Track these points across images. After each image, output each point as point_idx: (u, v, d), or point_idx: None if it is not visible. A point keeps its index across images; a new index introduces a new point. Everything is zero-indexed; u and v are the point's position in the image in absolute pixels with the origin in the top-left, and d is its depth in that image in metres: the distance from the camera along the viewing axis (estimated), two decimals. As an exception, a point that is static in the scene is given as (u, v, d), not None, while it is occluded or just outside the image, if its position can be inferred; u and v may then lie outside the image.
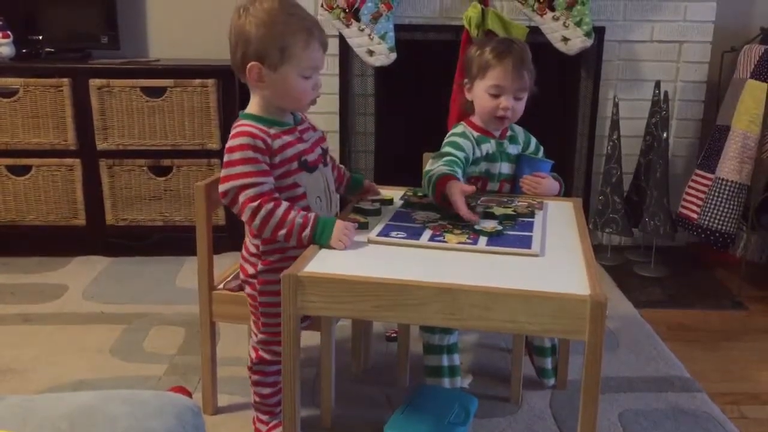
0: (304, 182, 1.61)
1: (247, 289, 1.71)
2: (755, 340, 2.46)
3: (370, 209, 1.70)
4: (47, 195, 3.01)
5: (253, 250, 1.67)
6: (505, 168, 1.97)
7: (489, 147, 1.94)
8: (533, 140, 2.04)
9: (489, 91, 1.88)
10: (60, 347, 2.28)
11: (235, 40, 1.55)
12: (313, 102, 1.64)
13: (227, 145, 1.57)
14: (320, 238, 1.49)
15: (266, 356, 1.71)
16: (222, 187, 1.55)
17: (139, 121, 2.94)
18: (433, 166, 1.78)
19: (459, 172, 1.76)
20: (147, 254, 3.14)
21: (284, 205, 1.53)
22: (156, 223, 3.06)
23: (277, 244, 1.62)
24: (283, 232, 1.51)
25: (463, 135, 1.92)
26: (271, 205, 1.51)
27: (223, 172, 1.55)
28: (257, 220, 1.52)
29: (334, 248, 1.48)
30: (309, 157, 1.63)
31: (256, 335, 1.71)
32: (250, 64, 1.54)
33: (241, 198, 1.52)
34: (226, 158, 1.56)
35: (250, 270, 1.68)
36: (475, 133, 1.94)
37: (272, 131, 1.58)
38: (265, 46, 1.52)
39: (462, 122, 1.99)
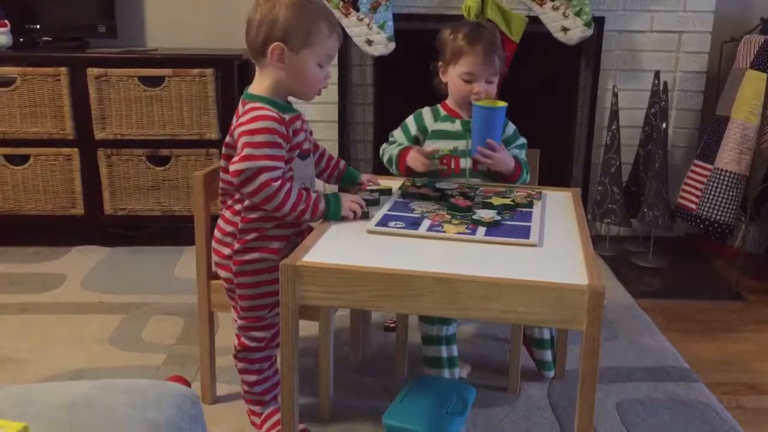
0: (297, 168, 1.66)
1: (222, 273, 1.72)
2: (753, 330, 2.47)
3: (368, 199, 1.70)
4: (45, 185, 3.00)
5: (229, 229, 1.68)
6: None
7: (450, 126, 1.98)
8: (510, 125, 2.03)
9: (462, 77, 1.94)
10: (58, 337, 2.28)
11: (260, 22, 1.58)
12: (319, 92, 1.68)
13: (248, 127, 1.55)
14: (334, 211, 1.59)
15: (248, 343, 1.72)
16: (241, 165, 1.54)
17: (137, 110, 2.93)
18: (382, 149, 2.03)
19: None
20: (145, 244, 3.13)
21: (297, 185, 1.60)
22: (154, 213, 3.06)
23: (257, 224, 1.64)
24: (302, 206, 1.58)
25: (417, 114, 2.03)
26: (289, 185, 1.57)
27: (245, 152, 1.54)
28: (276, 200, 1.55)
29: (347, 219, 1.58)
30: (305, 146, 1.69)
31: (236, 321, 1.73)
32: (273, 45, 1.57)
33: (262, 178, 1.54)
34: (246, 139, 1.55)
35: (225, 251, 1.69)
36: (442, 112, 2.01)
37: (286, 117, 1.61)
38: (292, 28, 1.57)
39: (437, 104, 2.05)
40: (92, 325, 2.36)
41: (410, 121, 2.03)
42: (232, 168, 1.56)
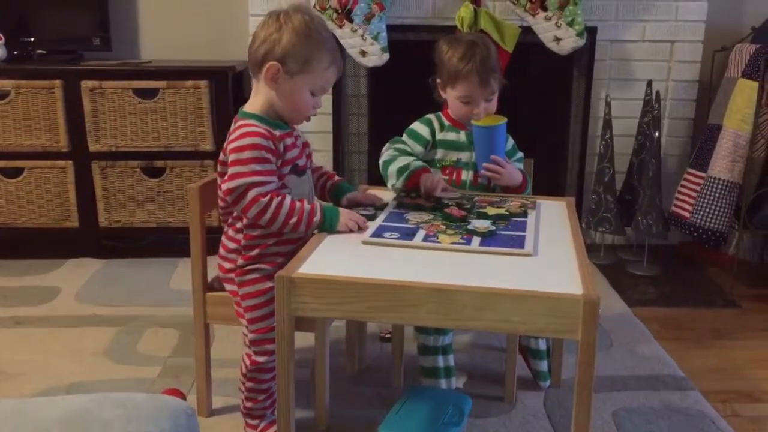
0: (292, 185, 1.66)
1: (228, 286, 1.74)
2: (748, 338, 2.47)
3: (365, 214, 1.70)
4: (40, 197, 3.00)
5: (232, 246, 1.71)
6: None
7: (456, 136, 2.00)
8: (509, 139, 2.05)
9: (460, 100, 1.96)
10: (53, 350, 2.27)
11: (264, 38, 1.60)
12: (308, 119, 1.71)
13: (235, 145, 1.58)
14: (330, 224, 1.59)
15: (260, 359, 1.70)
16: (231, 184, 1.57)
17: (131, 122, 2.94)
18: (391, 155, 1.92)
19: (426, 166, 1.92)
20: (140, 256, 3.13)
21: (290, 197, 1.60)
22: (149, 225, 3.05)
23: (258, 240, 1.66)
24: (294, 219, 1.59)
25: (425, 121, 2.02)
26: (279, 198, 1.58)
27: (232, 170, 1.58)
28: (268, 213, 1.57)
29: (342, 232, 1.58)
30: (300, 162, 1.69)
31: (247, 336, 1.72)
32: (270, 63, 1.59)
33: (251, 194, 1.56)
34: (234, 156, 1.58)
35: (228, 265, 1.72)
36: (446, 123, 2.01)
37: (277, 133, 1.63)
38: (293, 52, 1.59)
39: (439, 112, 2.05)
40: (87, 338, 2.35)
41: (420, 127, 2.01)
42: (223, 187, 1.60)
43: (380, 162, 1.95)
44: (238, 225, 1.68)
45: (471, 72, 1.90)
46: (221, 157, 1.66)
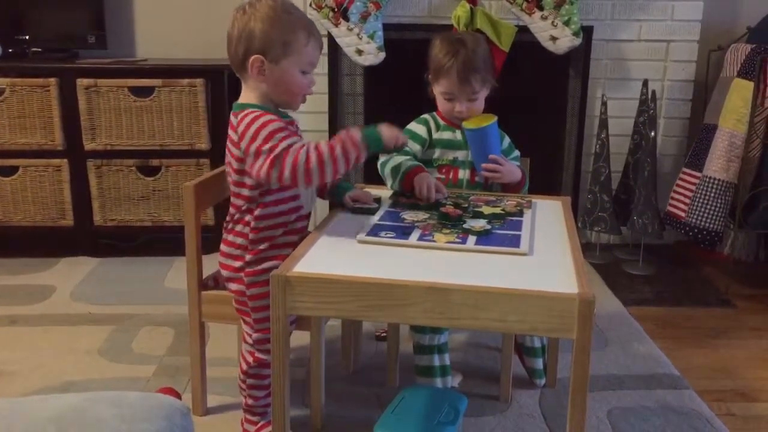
0: None
1: (233, 286, 1.71)
2: (743, 337, 2.48)
3: (369, 207, 1.70)
4: (35, 195, 2.99)
5: (239, 241, 1.68)
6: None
7: (452, 135, 2.00)
8: (505, 138, 2.05)
9: (443, 96, 1.97)
10: (48, 349, 2.27)
11: (238, 36, 1.60)
12: (304, 99, 1.69)
13: (250, 131, 1.55)
14: (375, 141, 1.57)
15: (264, 357, 1.69)
16: (264, 162, 1.52)
17: (127, 121, 2.93)
18: (387, 156, 1.90)
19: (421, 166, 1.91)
20: (135, 255, 3.12)
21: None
22: (144, 224, 3.05)
23: (267, 232, 1.65)
24: (338, 149, 1.52)
25: (421, 121, 2.03)
26: (315, 142, 1.55)
27: (265, 149, 1.53)
28: (314, 160, 1.51)
29: (390, 148, 1.59)
30: None
31: (250, 336, 1.71)
32: (252, 57, 1.59)
33: (289, 158, 1.51)
34: (255, 144, 1.54)
35: (236, 264, 1.69)
36: (441, 122, 2.02)
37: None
38: (269, 39, 1.58)
39: (434, 112, 2.06)
40: (82, 337, 2.35)
41: (416, 126, 2.01)
42: (256, 171, 1.55)
43: (378, 164, 1.95)
44: (247, 218, 1.65)
45: (451, 68, 1.91)
46: (235, 152, 1.61)
